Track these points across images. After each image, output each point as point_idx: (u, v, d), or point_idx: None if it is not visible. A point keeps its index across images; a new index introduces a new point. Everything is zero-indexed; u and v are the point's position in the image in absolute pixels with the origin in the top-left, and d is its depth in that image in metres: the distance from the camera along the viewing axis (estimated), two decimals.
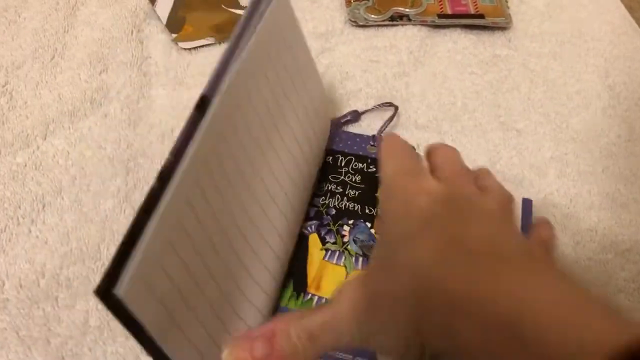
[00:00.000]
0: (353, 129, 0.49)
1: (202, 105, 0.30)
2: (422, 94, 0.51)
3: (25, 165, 0.44)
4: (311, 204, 0.43)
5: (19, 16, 0.54)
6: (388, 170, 0.30)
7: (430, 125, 0.49)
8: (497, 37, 0.56)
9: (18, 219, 0.42)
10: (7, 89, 0.49)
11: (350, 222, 0.42)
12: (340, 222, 0.42)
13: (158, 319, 0.27)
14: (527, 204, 0.43)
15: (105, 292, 0.24)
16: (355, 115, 0.49)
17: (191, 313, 0.29)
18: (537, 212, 0.44)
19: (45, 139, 0.46)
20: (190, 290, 0.29)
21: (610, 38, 0.56)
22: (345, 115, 0.49)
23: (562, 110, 0.51)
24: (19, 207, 0.42)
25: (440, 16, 0.56)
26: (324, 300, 0.38)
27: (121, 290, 0.24)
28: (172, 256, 0.28)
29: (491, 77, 0.53)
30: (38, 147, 0.45)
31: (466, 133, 0.49)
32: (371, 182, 0.44)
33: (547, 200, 0.45)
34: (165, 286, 0.27)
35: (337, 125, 0.48)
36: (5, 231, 0.41)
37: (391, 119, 0.49)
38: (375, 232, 0.41)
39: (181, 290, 0.29)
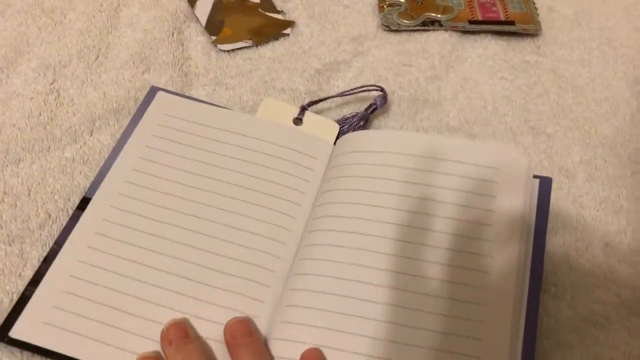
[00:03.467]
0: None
1: (82, 204, 0.43)
2: (454, 97, 0.53)
3: (74, 160, 0.46)
4: None
5: (65, 17, 0.56)
6: None
7: (461, 127, 0.51)
8: (527, 44, 0.58)
9: (68, 210, 0.43)
10: (54, 87, 0.51)
11: None
12: None
13: (67, 341, 0.37)
14: (545, 183, 0.43)
15: (2, 335, 0.37)
16: (382, 101, 0.50)
17: (109, 326, 0.37)
18: (566, 214, 0.45)
19: (91, 134, 0.48)
20: (105, 308, 0.38)
21: (639, 45, 0.57)
22: (370, 105, 0.50)
23: (590, 115, 0.52)
24: (69, 200, 0.44)
25: (471, 22, 0.58)
26: None
27: (15, 332, 0.37)
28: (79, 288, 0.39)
29: (521, 83, 0.54)
30: (85, 143, 0.47)
31: (497, 137, 0.50)
32: None
33: (576, 202, 0.46)
34: (71, 313, 0.38)
35: (364, 117, 0.49)
36: (56, 222, 0.43)
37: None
38: None
39: (93, 313, 0.38)
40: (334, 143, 0.47)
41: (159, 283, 0.39)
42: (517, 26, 0.58)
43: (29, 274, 0.40)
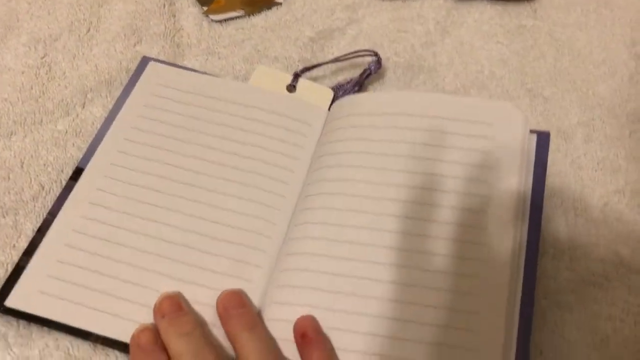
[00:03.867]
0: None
1: (75, 175, 0.42)
2: (450, 62, 0.52)
3: (66, 132, 0.46)
4: None
5: None
6: None
7: (458, 92, 0.50)
8: (523, 8, 0.57)
9: (61, 182, 0.43)
10: (45, 61, 0.50)
11: None
12: None
13: (63, 309, 0.37)
14: (543, 138, 0.42)
15: None
16: (376, 66, 0.50)
17: (103, 294, 0.37)
18: (564, 175, 0.45)
19: (84, 107, 0.48)
20: (100, 276, 0.38)
21: (636, 7, 0.57)
22: (364, 71, 0.49)
23: (588, 77, 0.51)
24: (62, 172, 0.44)
25: None
26: None
27: (11, 301, 0.37)
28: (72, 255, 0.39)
29: (518, 47, 0.54)
30: (77, 115, 0.47)
31: (493, 99, 0.50)
32: None
33: (575, 164, 0.46)
34: (65, 281, 0.38)
35: (358, 83, 0.49)
36: (49, 193, 0.43)
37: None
38: None
39: (88, 280, 0.38)
40: (329, 109, 0.46)
41: (154, 250, 0.39)
42: None
43: (23, 244, 0.40)
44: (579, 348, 0.38)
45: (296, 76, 0.48)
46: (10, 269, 0.38)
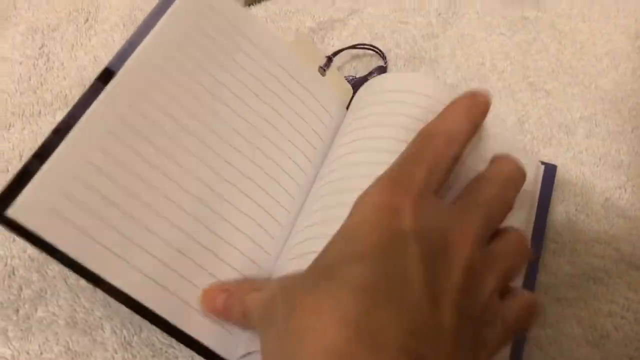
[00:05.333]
0: None
1: (106, 77, 0.33)
2: (451, 54, 0.52)
3: None
4: None
5: None
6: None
7: (459, 85, 0.50)
8: None
9: None
10: (43, 51, 0.50)
11: None
12: None
13: (73, 239, 0.30)
14: (550, 170, 0.43)
15: None
16: (382, 71, 0.50)
17: (121, 235, 0.32)
18: (565, 171, 0.45)
19: None
20: (119, 213, 0.32)
21: None
22: (371, 72, 0.49)
23: (591, 71, 0.51)
24: None
25: None
26: None
27: (13, 211, 0.28)
28: (93, 177, 0.31)
29: (520, 39, 0.53)
30: None
31: (495, 93, 0.49)
32: None
33: (576, 159, 0.46)
34: (81, 206, 0.31)
35: (364, 82, 0.48)
36: None
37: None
38: None
39: (106, 213, 0.31)
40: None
41: (179, 193, 0.34)
42: None
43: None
44: (578, 344, 0.38)
45: (329, 60, 0.47)
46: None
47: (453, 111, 0.32)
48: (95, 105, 0.32)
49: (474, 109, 0.32)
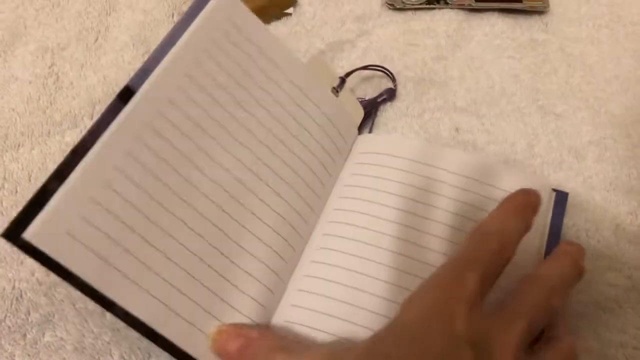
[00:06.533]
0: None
1: (125, 95, 0.33)
2: (461, 77, 0.52)
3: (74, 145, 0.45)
4: None
5: None
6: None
7: (468, 108, 0.50)
8: (534, 21, 0.56)
9: None
10: (53, 70, 0.50)
11: None
12: None
13: (89, 263, 0.30)
14: (561, 197, 0.42)
15: (14, 235, 0.28)
16: (391, 93, 0.49)
17: (137, 261, 0.32)
18: (577, 195, 0.44)
19: (92, 118, 0.47)
20: (136, 238, 0.32)
21: None
22: (381, 94, 0.49)
23: (600, 94, 0.51)
24: None
25: (478, 0, 0.56)
26: None
27: (30, 234, 0.28)
28: (110, 197, 0.31)
29: (529, 62, 0.53)
30: (85, 127, 0.47)
31: (504, 117, 0.49)
32: None
33: (586, 183, 0.45)
34: (98, 230, 0.30)
35: (374, 104, 0.49)
36: None
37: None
38: None
39: (123, 237, 0.31)
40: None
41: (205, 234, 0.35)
42: (525, 4, 0.56)
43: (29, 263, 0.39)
44: None
45: (342, 81, 0.46)
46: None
47: (507, 211, 0.32)
48: (114, 126, 0.32)
49: (528, 209, 0.33)
